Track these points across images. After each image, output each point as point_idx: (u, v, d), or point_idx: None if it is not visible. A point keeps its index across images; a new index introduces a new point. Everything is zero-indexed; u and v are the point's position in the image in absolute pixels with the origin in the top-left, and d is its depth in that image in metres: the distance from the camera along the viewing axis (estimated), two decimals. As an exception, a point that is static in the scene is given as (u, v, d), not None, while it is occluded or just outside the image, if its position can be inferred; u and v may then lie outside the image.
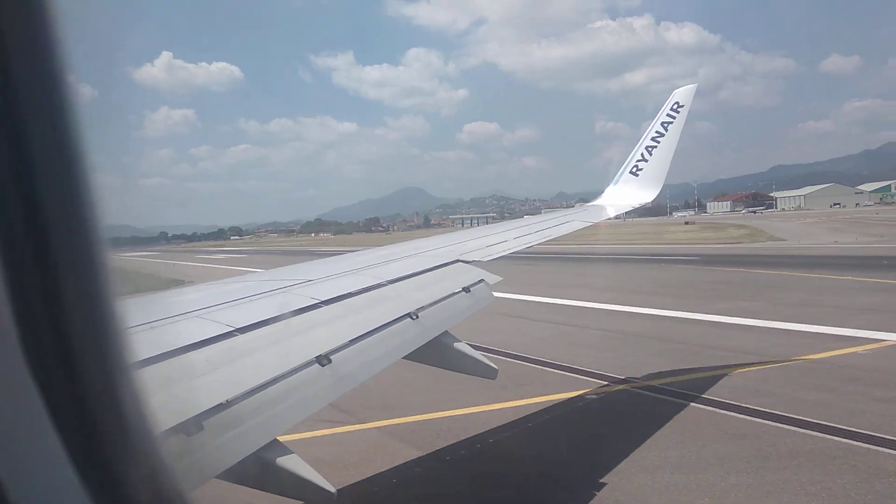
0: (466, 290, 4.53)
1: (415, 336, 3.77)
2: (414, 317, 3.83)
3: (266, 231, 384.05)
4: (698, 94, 9.23)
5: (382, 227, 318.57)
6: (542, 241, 6.84)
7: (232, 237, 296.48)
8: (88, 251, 1.18)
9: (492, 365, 4.27)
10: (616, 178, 9.08)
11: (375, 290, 4.07)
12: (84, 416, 1.16)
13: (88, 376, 1.17)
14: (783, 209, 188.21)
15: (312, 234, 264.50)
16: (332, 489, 2.92)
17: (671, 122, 8.66)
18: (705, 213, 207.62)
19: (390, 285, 4.21)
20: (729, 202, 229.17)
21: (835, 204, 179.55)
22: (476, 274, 4.87)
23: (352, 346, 3.32)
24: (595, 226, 8.30)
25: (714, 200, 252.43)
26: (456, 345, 4.17)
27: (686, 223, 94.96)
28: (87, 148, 1.15)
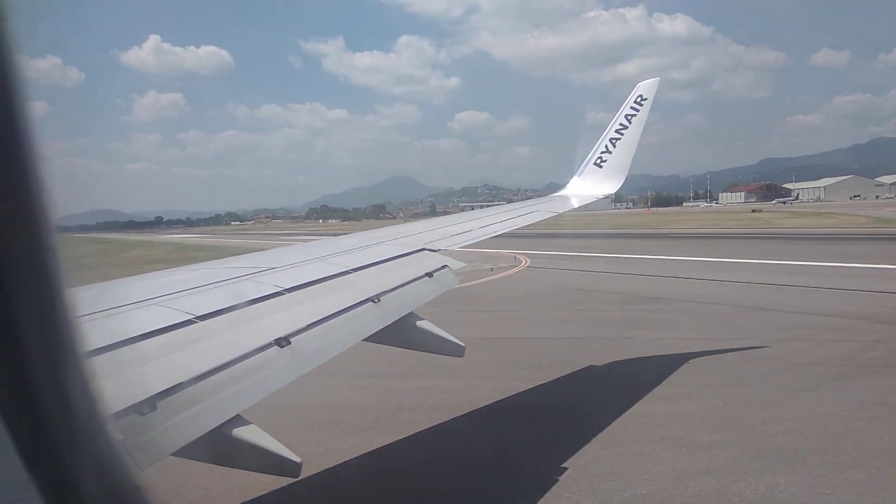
0: (430, 275, 4.59)
1: (376, 318, 3.82)
2: (376, 300, 3.89)
3: (268, 217, 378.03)
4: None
5: (390, 214, 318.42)
6: (508, 230, 6.87)
7: (232, 223, 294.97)
8: (37, 238, 1.15)
9: (459, 343, 4.27)
10: (580, 169, 9.06)
11: (339, 278, 4.11)
12: (28, 402, 1.15)
13: (34, 363, 1.16)
14: (802, 200, 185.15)
15: (320, 221, 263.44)
16: (298, 459, 2.94)
17: (634, 115, 8.62)
18: (717, 203, 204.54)
19: (354, 272, 4.25)
20: (742, 193, 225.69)
21: (855, 196, 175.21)
22: (440, 260, 4.92)
23: (312, 329, 3.36)
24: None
25: (727, 191, 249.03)
26: (419, 324, 4.20)
27: (753, 211, 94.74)
28: (33, 131, 1.10)
